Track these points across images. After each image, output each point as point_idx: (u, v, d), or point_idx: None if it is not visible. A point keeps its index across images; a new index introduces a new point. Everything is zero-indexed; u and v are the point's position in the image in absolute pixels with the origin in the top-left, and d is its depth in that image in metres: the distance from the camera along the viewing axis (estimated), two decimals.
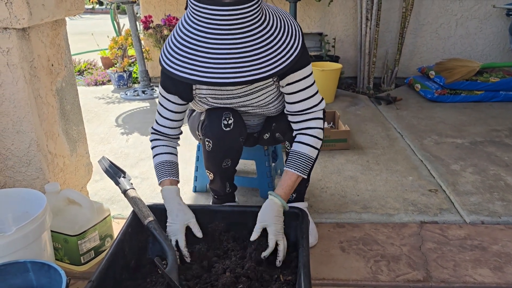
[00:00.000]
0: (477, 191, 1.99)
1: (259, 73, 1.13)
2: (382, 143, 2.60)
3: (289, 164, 1.41)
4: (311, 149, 1.40)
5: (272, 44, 1.16)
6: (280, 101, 1.49)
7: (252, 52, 1.13)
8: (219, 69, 1.12)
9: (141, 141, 2.72)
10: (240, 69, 1.12)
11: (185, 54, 1.15)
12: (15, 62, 1.37)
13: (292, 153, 1.41)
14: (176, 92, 1.41)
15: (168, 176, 1.45)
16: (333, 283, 1.41)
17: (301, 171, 1.40)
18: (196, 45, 1.13)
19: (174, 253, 1.29)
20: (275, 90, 1.43)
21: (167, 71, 1.18)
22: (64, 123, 1.66)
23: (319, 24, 4.01)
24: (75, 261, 1.46)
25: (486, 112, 3.16)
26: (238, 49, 1.12)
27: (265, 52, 1.14)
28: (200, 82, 1.13)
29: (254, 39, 1.13)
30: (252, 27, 1.13)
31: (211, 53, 1.12)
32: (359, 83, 3.89)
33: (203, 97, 1.43)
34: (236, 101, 1.44)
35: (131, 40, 3.94)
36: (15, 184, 1.53)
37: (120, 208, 1.90)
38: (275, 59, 1.16)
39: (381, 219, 1.78)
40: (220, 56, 1.11)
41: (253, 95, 1.43)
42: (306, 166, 1.40)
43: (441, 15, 3.90)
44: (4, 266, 1.11)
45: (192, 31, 1.14)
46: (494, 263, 1.49)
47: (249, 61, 1.12)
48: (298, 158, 1.39)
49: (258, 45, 1.14)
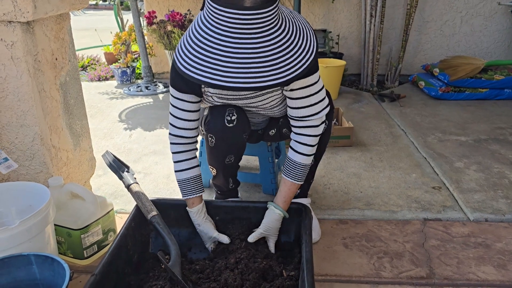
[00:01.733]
0: (481, 189, 1.98)
1: (279, 78, 1.12)
2: (385, 140, 2.59)
3: (286, 172, 1.44)
4: (304, 157, 1.41)
5: (290, 48, 1.14)
6: (284, 105, 1.47)
7: (272, 57, 1.11)
8: (240, 73, 1.10)
9: (144, 136, 2.72)
10: (261, 73, 1.10)
11: (204, 58, 1.12)
12: (19, 56, 1.37)
13: (288, 161, 1.43)
14: (189, 90, 1.37)
15: (195, 193, 1.44)
16: (336, 279, 1.40)
17: (297, 179, 1.43)
18: (216, 48, 1.11)
19: (177, 247, 1.29)
20: (280, 95, 1.42)
21: (184, 74, 1.14)
22: (68, 117, 1.66)
23: (323, 21, 4.00)
24: (78, 255, 1.46)
25: (491, 110, 3.14)
26: (259, 53, 1.10)
27: (284, 56, 1.13)
28: (221, 86, 1.11)
29: (273, 43, 1.12)
30: (271, 31, 1.11)
31: (231, 57, 1.09)
32: (363, 80, 3.88)
33: (210, 96, 1.42)
34: (241, 102, 1.44)
35: (134, 35, 3.94)
36: (18, 177, 1.53)
37: (123, 203, 1.90)
38: (294, 63, 1.14)
39: (384, 216, 1.77)
40: (240, 60, 1.09)
41: (259, 98, 1.42)
42: (302, 174, 1.43)
43: (446, 12, 3.88)
44: (8, 259, 1.11)
45: (211, 34, 1.11)
46: (497, 261, 1.48)
47: (270, 65, 1.11)
48: (295, 167, 1.42)
49: (277, 49, 1.12)
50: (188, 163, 1.44)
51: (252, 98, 1.41)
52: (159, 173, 2.19)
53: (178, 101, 1.38)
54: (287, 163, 1.43)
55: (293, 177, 1.42)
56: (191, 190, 1.43)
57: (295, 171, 1.41)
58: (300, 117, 1.38)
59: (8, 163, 1.40)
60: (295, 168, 1.41)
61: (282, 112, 1.51)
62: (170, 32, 3.55)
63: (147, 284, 1.23)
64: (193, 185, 1.44)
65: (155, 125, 2.93)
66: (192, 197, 1.43)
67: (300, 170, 1.41)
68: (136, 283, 1.25)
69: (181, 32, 3.51)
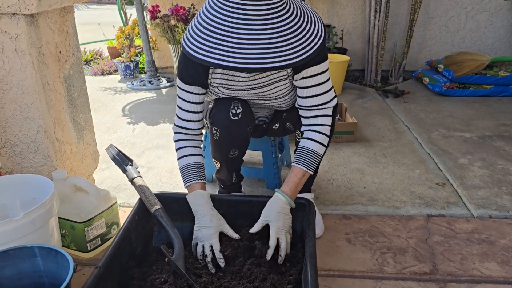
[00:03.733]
0: (485, 185, 1.97)
1: (288, 59, 1.13)
2: (389, 136, 2.58)
3: (297, 160, 1.39)
4: (319, 145, 1.39)
5: (298, 31, 1.16)
6: (291, 96, 1.47)
7: (281, 39, 1.12)
8: (249, 54, 1.10)
9: (147, 130, 2.72)
10: (269, 54, 1.11)
11: (213, 40, 1.13)
12: (24, 48, 1.37)
13: (300, 149, 1.40)
14: (193, 82, 1.38)
15: (196, 179, 1.40)
16: (339, 274, 1.40)
17: (308, 167, 1.38)
18: (224, 30, 1.12)
19: (181, 241, 1.29)
20: (287, 85, 1.42)
21: (193, 57, 1.16)
22: (72, 111, 1.66)
23: (327, 16, 3.98)
24: (82, 247, 1.46)
25: (495, 107, 3.13)
26: (267, 35, 1.11)
27: (292, 39, 1.14)
28: (230, 67, 1.11)
29: (282, 25, 1.13)
30: (279, 13, 1.13)
31: (240, 38, 1.10)
32: (367, 75, 3.87)
33: (216, 87, 1.42)
34: (247, 93, 1.43)
35: (138, 30, 3.93)
36: (22, 170, 1.53)
37: (126, 196, 1.90)
38: (302, 46, 1.15)
39: (388, 212, 1.77)
40: (248, 41, 1.10)
41: (265, 88, 1.41)
42: (314, 162, 1.39)
43: (451, 8, 3.86)
44: (13, 251, 1.11)
45: (219, 17, 1.13)
46: (501, 257, 1.48)
47: (278, 47, 1.12)
48: (306, 154, 1.38)
49: (286, 31, 1.13)
50: (189, 149, 1.43)
51: (259, 88, 1.41)
52: (162, 167, 2.19)
53: (184, 93, 1.40)
54: (299, 151, 1.40)
55: (304, 163, 1.37)
56: (192, 176, 1.39)
57: (307, 158, 1.38)
58: (314, 106, 1.38)
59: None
60: (306, 154, 1.38)
61: (288, 104, 1.50)
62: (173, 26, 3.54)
63: (151, 277, 1.23)
64: (195, 172, 1.40)
65: (158, 119, 2.93)
66: (193, 183, 1.39)
67: (312, 157, 1.38)
68: (140, 276, 1.25)
69: (185, 26, 3.50)
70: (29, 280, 1.14)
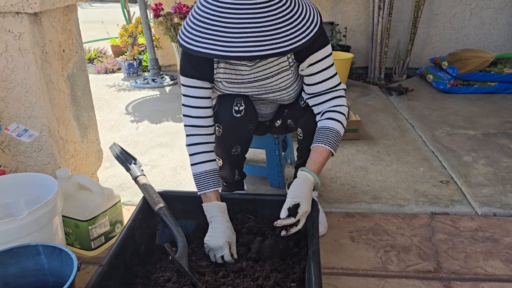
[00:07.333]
0: (489, 183, 1.96)
1: (280, 47, 1.13)
2: (393, 134, 2.57)
3: (320, 139, 1.35)
4: (340, 124, 1.37)
5: (292, 20, 1.16)
6: (294, 88, 1.47)
7: (273, 27, 1.12)
8: (240, 42, 1.11)
9: (151, 129, 2.72)
10: (261, 42, 1.11)
11: (205, 30, 1.14)
12: (27, 47, 1.37)
13: (321, 129, 1.37)
14: (196, 75, 1.37)
15: (212, 187, 1.38)
16: (342, 272, 1.40)
17: (333, 147, 1.35)
18: (216, 20, 1.13)
19: (184, 239, 1.30)
20: (290, 76, 1.42)
21: (186, 48, 1.17)
22: (75, 109, 1.67)
23: (331, 13, 3.96)
24: (86, 246, 1.47)
25: (500, 104, 3.11)
26: (259, 23, 1.11)
27: (286, 27, 1.14)
28: (220, 56, 1.12)
29: (275, 14, 1.13)
30: (272, 2, 1.13)
31: (232, 27, 1.11)
32: (370, 73, 3.85)
33: (220, 81, 1.41)
34: (250, 86, 1.43)
35: (141, 28, 3.93)
36: (26, 169, 1.54)
37: (130, 195, 1.91)
38: (295, 34, 1.15)
39: (392, 210, 1.77)
40: (241, 30, 1.11)
41: (268, 80, 1.41)
42: (336, 142, 1.36)
43: (455, 4, 3.83)
44: (17, 249, 1.12)
45: (211, 7, 1.14)
46: (506, 255, 1.47)
47: (270, 34, 1.12)
48: (330, 133, 1.35)
49: (279, 19, 1.13)
50: (205, 155, 1.40)
51: (262, 80, 1.41)
52: (166, 166, 2.20)
53: (190, 89, 1.38)
54: (320, 131, 1.37)
55: (329, 143, 1.34)
56: (207, 184, 1.38)
57: (330, 137, 1.34)
58: (326, 90, 1.39)
59: (29, 132, 1.42)
60: (330, 134, 1.34)
61: (291, 96, 1.50)
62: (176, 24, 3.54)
63: (154, 275, 1.23)
64: (210, 179, 1.38)
65: (162, 117, 2.94)
66: (209, 191, 1.37)
67: (335, 137, 1.35)
68: (143, 274, 1.25)
69: None
70: (33, 278, 1.14)
